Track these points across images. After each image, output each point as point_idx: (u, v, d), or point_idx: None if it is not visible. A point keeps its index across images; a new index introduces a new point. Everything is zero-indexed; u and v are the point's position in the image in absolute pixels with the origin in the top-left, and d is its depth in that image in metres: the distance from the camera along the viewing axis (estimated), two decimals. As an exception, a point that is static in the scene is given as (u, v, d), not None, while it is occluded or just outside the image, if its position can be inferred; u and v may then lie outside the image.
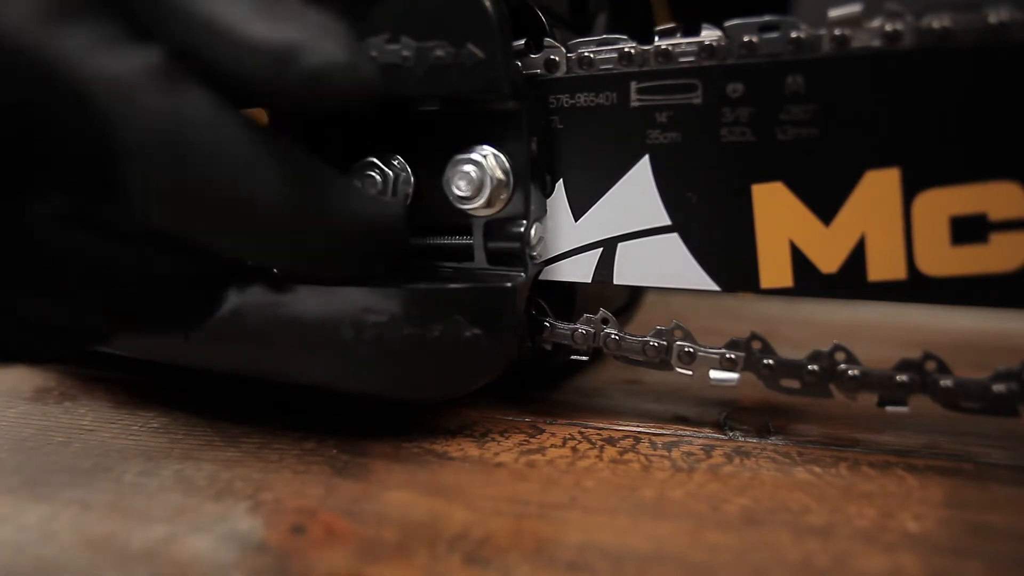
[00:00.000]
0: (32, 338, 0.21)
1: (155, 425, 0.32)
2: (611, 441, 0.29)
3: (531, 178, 0.29)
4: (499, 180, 0.29)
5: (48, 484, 0.26)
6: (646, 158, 0.28)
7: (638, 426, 0.31)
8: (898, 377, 0.26)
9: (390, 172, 0.31)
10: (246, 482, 0.26)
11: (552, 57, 0.28)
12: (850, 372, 0.27)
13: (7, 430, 0.31)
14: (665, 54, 0.27)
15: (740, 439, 0.29)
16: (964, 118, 0.24)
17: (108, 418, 0.33)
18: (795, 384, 0.28)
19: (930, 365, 0.26)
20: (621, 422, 0.31)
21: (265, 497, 0.25)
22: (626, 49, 0.28)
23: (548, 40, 0.29)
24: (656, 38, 0.27)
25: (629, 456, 0.28)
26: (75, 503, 0.25)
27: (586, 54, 0.28)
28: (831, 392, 0.27)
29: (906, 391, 0.26)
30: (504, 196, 0.29)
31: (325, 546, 0.22)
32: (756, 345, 0.28)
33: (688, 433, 0.30)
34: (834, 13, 0.25)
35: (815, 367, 0.27)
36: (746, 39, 0.26)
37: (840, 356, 0.27)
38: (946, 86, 0.24)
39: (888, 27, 0.24)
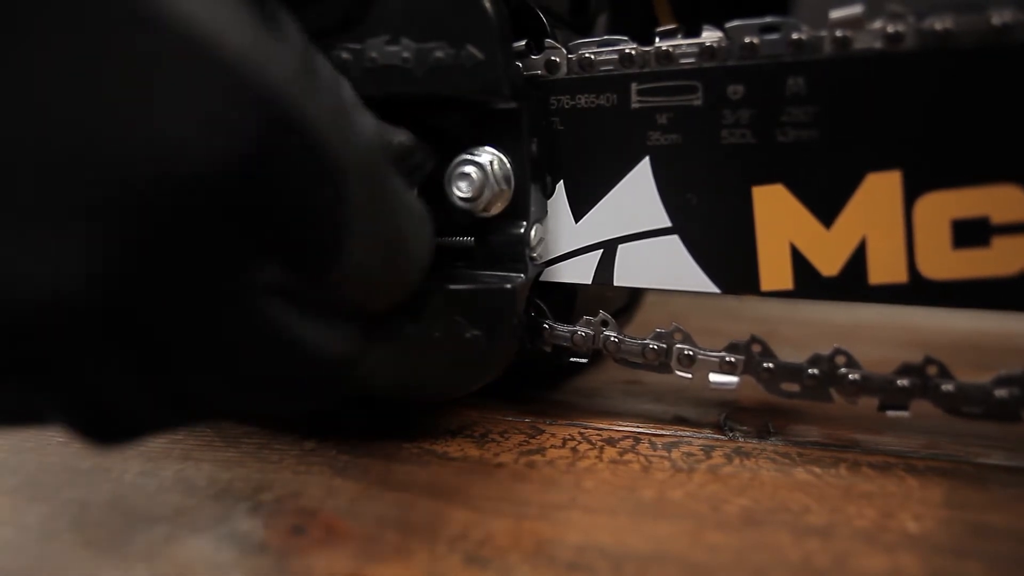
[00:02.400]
0: (163, 410, 0.19)
1: (155, 425, 0.32)
2: (611, 442, 0.29)
3: (531, 179, 0.29)
4: (500, 181, 0.29)
5: (48, 484, 0.26)
6: (646, 159, 0.28)
7: (638, 427, 0.31)
8: (899, 382, 0.26)
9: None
10: (246, 482, 0.26)
11: (553, 58, 0.28)
12: (850, 376, 0.27)
13: (7, 431, 0.31)
14: (666, 56, 0.27)
15: (740, 440, 0.29)
16: (966, 120, 0.24)
17: (108, 418, 0.33)
18: (795, 388, 0.28)
19: (931, 369, 0.26)
20: (621, 423, 0.31)
21: (265, 497, 0.25)
22: (627, 50, 0.28)
23: (549, 41, 0.29)
24: (657, 39, 0.27)
25: (629, 457, 0.28)
26: (75, 503, 0.25)
27: (587, 55, 0.28)
28: (831, 396, 0.27)
29: (907, 396, 0.26)
30: (504, 197, 0.29)
31: (325, 546, 0.22)
32: (756, 348, 0.28)
33: (688, 434, 0.30)
34: (835, 14, 0.25)
35: (815, 371, 0.27)
36: (747, 40, 0.26)
37: (840, 360, 0.27)
38: (948, 88, 0.24)
39: (890, 28, 0.24)
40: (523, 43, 0.29)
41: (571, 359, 0.31)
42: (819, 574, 0.20)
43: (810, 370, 0.27)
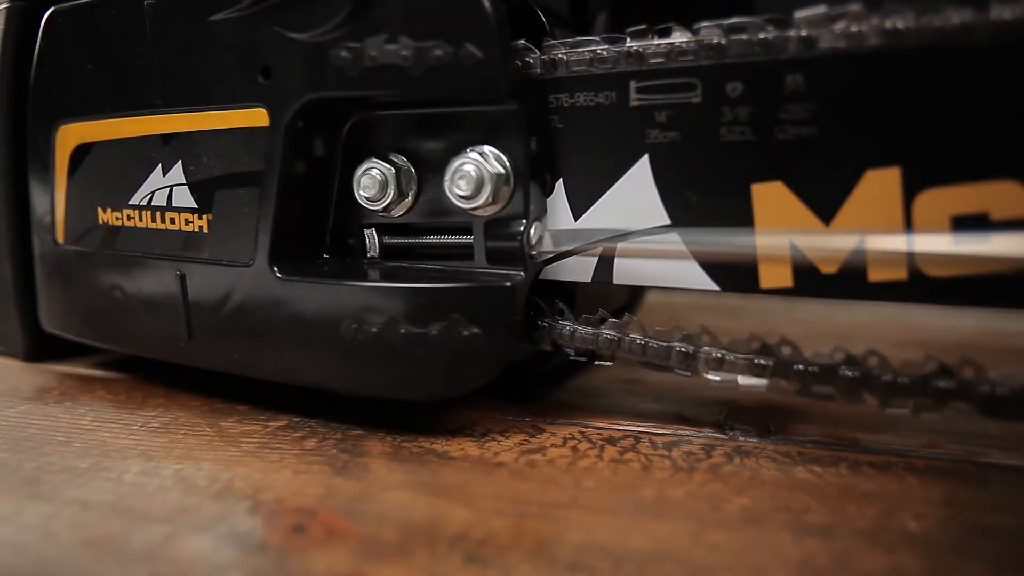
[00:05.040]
0: None
1: (155, 425, 0.32)
2: (611, 441, 0.29)
3: (531, 177, 0.29)
4: (499, 180, 0.29)
5: (48, 484, 0.26)
6: (645, 157, 0.28)
7: (638, 426, 0.30)
8: (933, 383, 0.25)
9: (392, 168, 0.31)
10: (246, 482, 0.26)
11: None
12: (883, 378, 0.26)
13: (7, 430, 0.31)
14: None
15: (740, 439, 0.29)
16: (965, 117, 0.24)
17: (108, 418, 0.33)
18: (828, 390, 0.27)
19: (966, 371, 0.25)
20: (621, 422, 0.31)
21: (265, 497, 0.25)
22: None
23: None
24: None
25: (629, 456, 0.28)
26: (75, 503, 0.25)
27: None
28: (863, 400, 0.26)
29: (941, 397, 0.25)
30: (504, 195, 0.29)
31: (325, 546, 0.22)
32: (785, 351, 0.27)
33: (688, 433, 0.30)
34: (800, 14, 0.24)
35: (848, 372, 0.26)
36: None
37: (873, 361, 0.26)
38: (947, 84, 0.24)
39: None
40: (522, 42, 0.28)
41: (595, 361, 0.31)
42: (819, 573, 0.20)
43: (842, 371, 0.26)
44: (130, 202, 0.35)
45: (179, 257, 0.33)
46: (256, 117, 0.31)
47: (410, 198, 0.31)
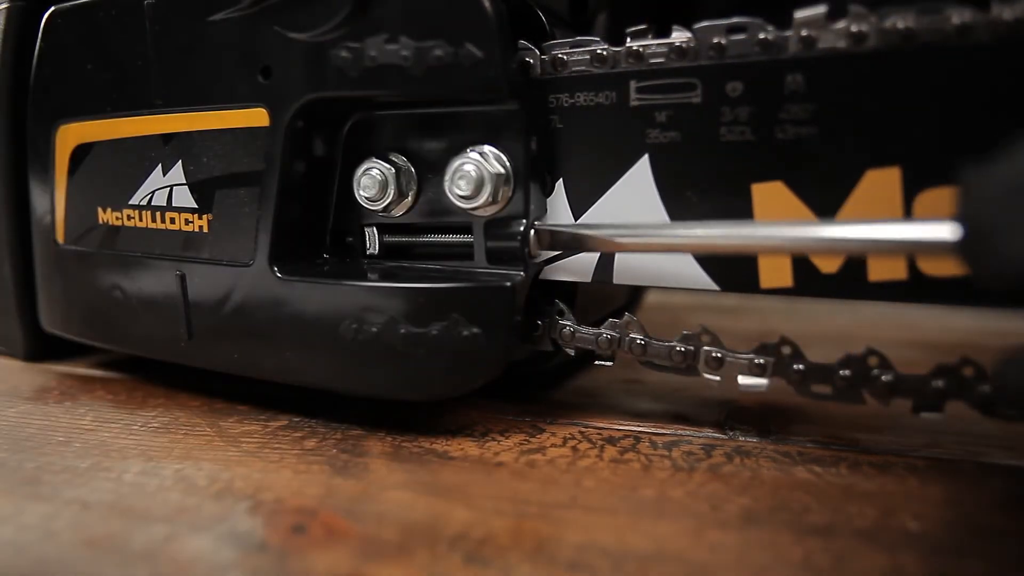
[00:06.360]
0: None
1: (155, 425, 0.32)
2: (611, 441, 0.29)
3: (531, 177, 0.29)
4: (499, 179, 0.29)
5: (48, 484, 0.26)
6: (645, 157, 0.28)
7: (638, 426, 0.30)
8: (933, 383, 0.25)
9: (392, 168, 0.31)
10: (246, 482, 0.26)
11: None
12: (883, 377, 0.26)
13: (7, 430, 0.31)
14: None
15: (740, 439, 0.29)
16: (965, 117, 0.24)
17: (108, 418, 0.33)
18: (826, 390, 0.27)
19: (968, 371, 0.25)
20: (621, 422, 0.31)
21: (265, 497, 0.25)
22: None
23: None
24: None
25: (629, 456, 0.28)
26: (75, 503, 0.25)
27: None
28: (863, 398, 0.26)
29: (941, 397, 0.25)
30: (504, 195, 0.29)
31: (325, 546, 0.22)
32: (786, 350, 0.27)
33: (688, 433, 0.30)
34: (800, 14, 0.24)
35: (847, 372, 0.26)
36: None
37: (873, 361, 0.26)
38: (948, 85, 0.24)
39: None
40: (522, 42, 0.28)
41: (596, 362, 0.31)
42: (819, 573, 0.20)
43: (841, 371, 0.26)
44: (130, 202, 0.35)
45: (179, 257, 0.33)
46: (256, 117, 0.31)
47: (410, 198, 0.31)
